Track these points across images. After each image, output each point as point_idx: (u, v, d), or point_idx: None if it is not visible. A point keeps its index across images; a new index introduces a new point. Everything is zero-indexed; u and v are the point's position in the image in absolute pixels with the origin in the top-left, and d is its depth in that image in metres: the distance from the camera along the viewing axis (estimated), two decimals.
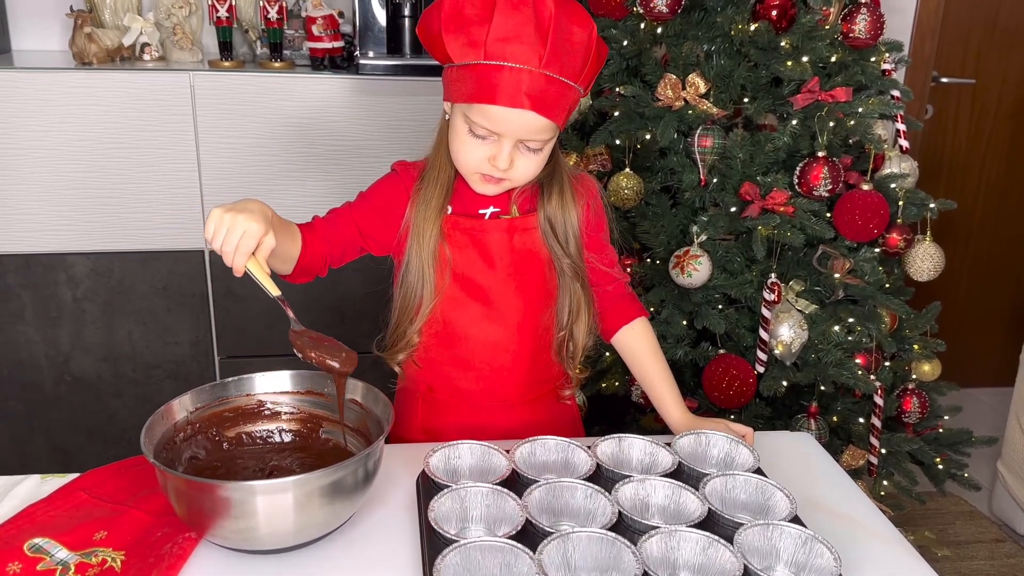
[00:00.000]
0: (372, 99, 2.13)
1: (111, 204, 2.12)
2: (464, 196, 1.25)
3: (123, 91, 2.04)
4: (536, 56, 1.07)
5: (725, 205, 1.80)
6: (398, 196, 1.25)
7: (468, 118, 1.13)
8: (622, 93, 1.90)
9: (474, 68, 1.09)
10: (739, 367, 1.78)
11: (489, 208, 1.25)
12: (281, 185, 2.15)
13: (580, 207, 1.27)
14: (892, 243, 1.86)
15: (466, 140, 1.15)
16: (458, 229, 1.24)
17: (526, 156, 1.16)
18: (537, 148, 1.16)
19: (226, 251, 1.01)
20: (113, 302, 2.20)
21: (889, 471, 1.94)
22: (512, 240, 1.25)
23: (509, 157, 1.14)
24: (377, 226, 1.25)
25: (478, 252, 1.24)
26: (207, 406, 1.11)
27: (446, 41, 1.10)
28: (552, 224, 1.25)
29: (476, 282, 1.25)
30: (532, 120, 1.10)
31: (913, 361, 1.96)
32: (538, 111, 1.09)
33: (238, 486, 0.93)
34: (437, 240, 1.22)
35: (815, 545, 0.93)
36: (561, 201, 1.25)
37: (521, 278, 1.26)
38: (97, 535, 0.99)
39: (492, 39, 1.07)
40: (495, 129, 1.12)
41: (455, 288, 1.25)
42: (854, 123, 1.77)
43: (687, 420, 1.27)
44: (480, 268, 1.25)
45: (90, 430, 2.29)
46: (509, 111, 1.09)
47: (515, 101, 1.08)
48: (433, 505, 0.96)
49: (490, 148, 1.15)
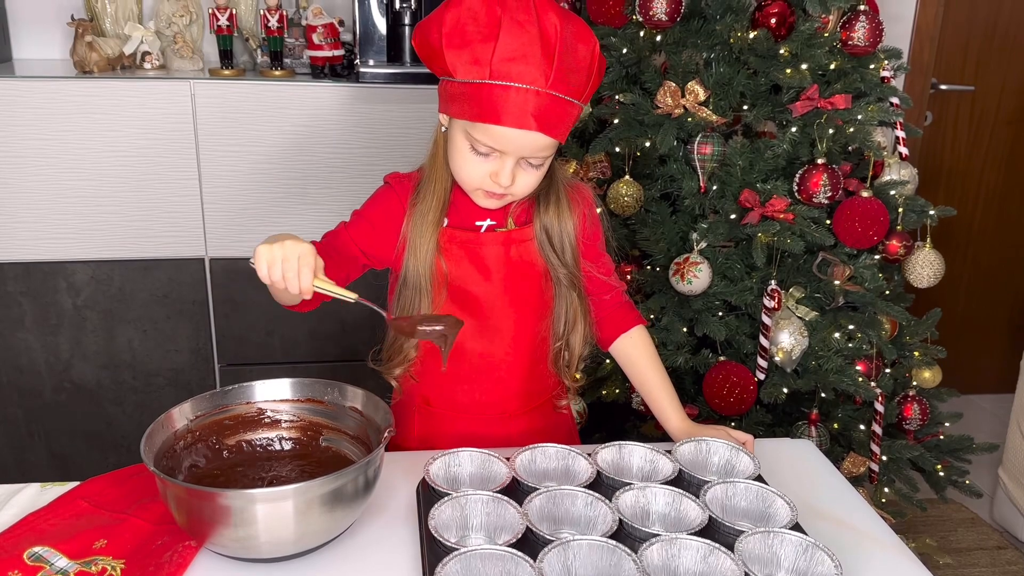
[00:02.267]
0: (372, 107, 2.14)
1: (111, 212, 2.12)
2: (461, 208, 1.24)
3: (124, 99, 2.05)
4: (543, 76, 1.05)
5: (725, 212, 1.80)
6: (394, 210, 1.24)
7: (470, 135, 1.12)
8: (622, 101, 1.90)
9: (478, 87, 1.07)
10: (739, 374, 1.78)
11: (486, 221, 1.24)
12: (282, 192, 2.15)
13: (576, 216, 1.27)
14: (892, 250, 1.86)
15: (468, 157, 1.14)
16: (454, 242, 1.23)
17: (527, 172, 1.15)
18: (539, 164, 1.15)
19: (289, 277, 1.01)
20: (113, 310, 2.20)
21: (890, 478, 1.93)
22: (509, 252, 1.24)
23: (511, 174, 1.14)
24: (375, 243, 1.24)
25: (474, 265, 1.24)
26: (207, 414, 1.11)
27: (447, 57, 1.08)
28: (548, 234, 1.24)
29: (472, 295, 1.25)
30: (536, 139, 1.10)
31: (913, 368, 1.96)
32: (544, 131, 1.08)
33: (238, 494, 0.93)
34: (434, 254, 1.21)
35: (816, 553, 0.93)
36: (557, 211, 1.24)
37: (517, 291, 1.26)
38: (97, 543, 0.99)
39: (498, 59, 1.05)
40: (499, 148, 1.11)
41: (451, 301, 1.25)
42: (853, 130, 1.77)
43: (687, 427, 1.27)
44: (476, 281, 1.24)
45: (90, 437, 2.29)
46: (514, 131, 1.08)
47: (521, 122, 1.07)
48: (433, 513, 0.96)
49: (492, 165, 1.14)
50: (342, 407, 1.14)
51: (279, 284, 1.02)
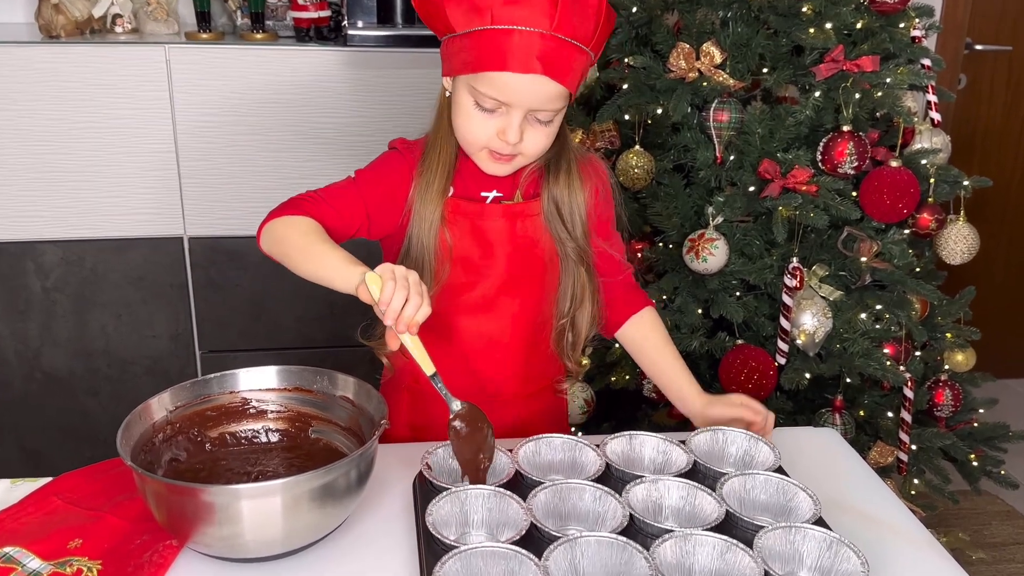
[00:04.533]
0: (362, 72, 2.13)
1: (82, 188, 2.11)
2: (466, 177, 1.25)
3: (94, 66, 2.04)
4: (547, 18, 1.07)
5: (743, 184, 1.80)
6: (402, 177, 1.25)
7: (474, 89, 1.13)
8: (631, 64, 1.89)
9: (480, 35, 1.09)
10: (758, 358, 1.78)
11: (492, 192, 1.25)
12: (265, 166, 2.14)
13: (587, 190, 1.27)
14: (923, 224, 1.85)
15: (472, 114, 1.15)
16: (459, 213, 1.24)
17: (536, 128, 1.16)
18: (548, 120, 1.16)
19: (404, 316, 1.01)
20: (85, 293, 2.20)
21: (920, 469, 1.94)
22: (514, 228, 1.25)
23: (519, 129, 1.14)
24: (383, 208, 1.24)
25: (476, 239, 1.25)
26: (188, 404, 1.11)
27: (447, 9, 1.10)
28: (558, 206, 1.25)
29: (473, 269, 1.26)
30: (544, 86, 1.11)
31: (945, 350, 1.96)
32: (551, 75, 1.09)
33: (222, 490, 0.94)
34: (439, 225, 1.22)
35: (841, 549, 0.93)
36: (568, 182, 1.25)
37: (519, 269, 1.27)
38: (72, 543, 0.99)
39: (499, 2, 1.07)
40: (504, 99, 1.12)
41: (454, 275, 1.25)
42: (881, 95, 1.76)
43: (706, 400, 1.28)
44: (477, 255, 1.25)
45: (63, 430, 2.29)
46: (520, 78, 1.09)
47: (526, 66, 1.08)
48: (431, 509, 0.97)
49: (498, 121, 1.15)
50: (332, 396, 1.15)
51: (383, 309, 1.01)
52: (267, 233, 1.18)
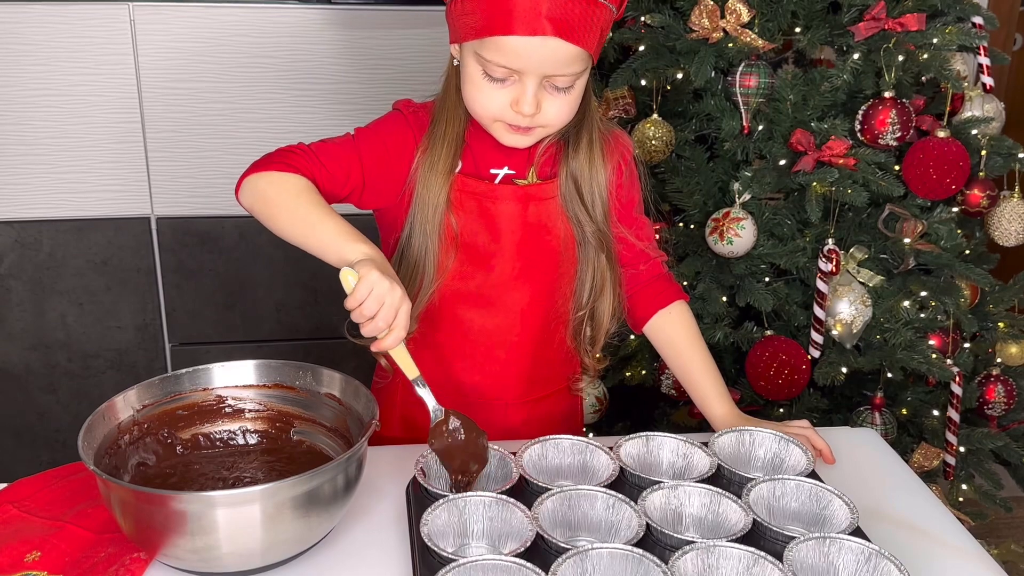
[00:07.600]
0: (350, 34, 2.12)
1: (38, 163, 2.11)
2: (476, 152, 1.24)
3: (50, 28, 2.03)
4: None
5: (772, 157, 1.80)
6: (406, 142, 1.24)
7: (481, 57, 1.12)
8: (648, 23, 1.89)
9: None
10: (790, 351, 1.78)
11: (503, 169, 1.24)
12: (241, 139, 2.14)
13: (611, 166, 1.27)
14: (973, 201, 1.85)
15: (482, 85, 1.15)
16: (466, 192, 1.23)
17: (555, 96, 1.15)
18: (567, 86, 1.15)
19: (379, 326, 1.03)
20: (42, 279, 2.20)
21: (969, 473, 1.94)
22: (526, 211, 1.24)
23: (534, 99, 1.13)
24: (383, 172, 1.23)
25: (484, 222, 1.24)
26: (157, 403, 1.11)
27: None
28: (577, 184, 1.24)
29: (479, 256, 1.25)
30: (556, 49, 1.09)
31: (998, 342, 1.96)
32: (562, 36, 1.08)
33: (195, 497, 0.94)
34: (444, 210, 1.22)
35: (880, 562, 0.93)
36: (589, 156, 1.24)
37: (530, 257, 1.26)
38: (29, 556, 1.00)
39: None
40: (514, 66, 1.11)
41: (460, 265, 1.25)
42: (927, 57, 1.76)
43: (733, 418, 1.27)
44: (484, 241, 1.25)
45: (18, 432, 2.30)
46: (528, 41, 1.08)
47: (534, 27, 1.07)
48: (426, 518, 0.97)
49: (511, 91, 1.14)
50: (316, 394, 1.15)
51: (365, 315, 1.03)
52: (250, 187, 1.17)
